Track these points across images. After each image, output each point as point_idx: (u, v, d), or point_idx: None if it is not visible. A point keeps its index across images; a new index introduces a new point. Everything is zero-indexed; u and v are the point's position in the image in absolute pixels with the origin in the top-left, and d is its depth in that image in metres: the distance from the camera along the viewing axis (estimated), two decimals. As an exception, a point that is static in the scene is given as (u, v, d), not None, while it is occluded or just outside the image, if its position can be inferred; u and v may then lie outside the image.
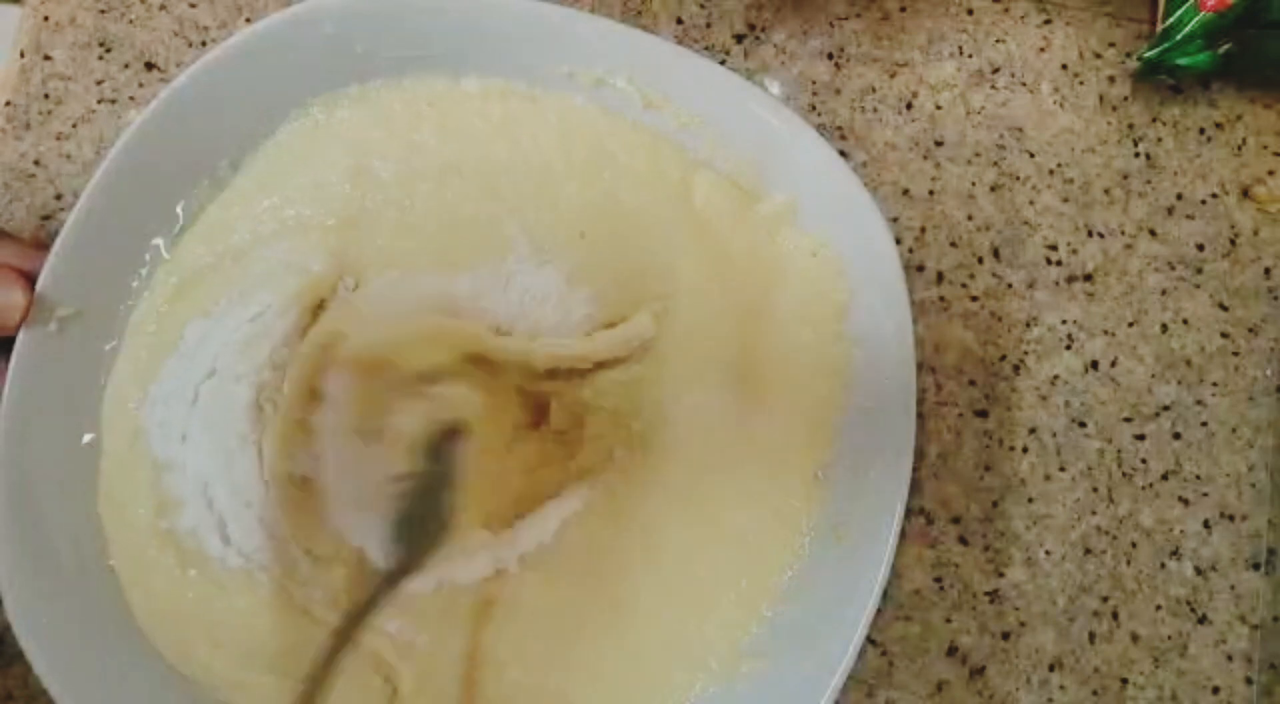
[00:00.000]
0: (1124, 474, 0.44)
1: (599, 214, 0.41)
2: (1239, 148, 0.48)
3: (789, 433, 0.40)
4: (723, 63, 0.46)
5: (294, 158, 0.39)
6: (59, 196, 0.42)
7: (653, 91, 0.41)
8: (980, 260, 0.45)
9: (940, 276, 0.45)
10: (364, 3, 0.38)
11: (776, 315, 0.41)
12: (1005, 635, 0.43)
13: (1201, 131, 0.48)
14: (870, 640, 0.42)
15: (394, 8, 0.39)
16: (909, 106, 0.46)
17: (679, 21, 0.46)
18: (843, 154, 0.45)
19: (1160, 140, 0.48)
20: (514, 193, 0.40)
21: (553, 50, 0.40)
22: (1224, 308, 0.46)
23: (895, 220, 0.45)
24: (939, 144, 0.46)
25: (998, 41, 0.48)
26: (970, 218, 0.46)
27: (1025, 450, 0.44)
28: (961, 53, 0.47)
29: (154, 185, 0.37)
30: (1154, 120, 0.48)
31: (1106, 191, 0.47)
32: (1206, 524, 0.44)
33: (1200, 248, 0.47)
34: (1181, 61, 0.45)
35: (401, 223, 0.40)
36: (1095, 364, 0.45)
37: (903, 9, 0.47)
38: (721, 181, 0.41)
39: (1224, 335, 0.46)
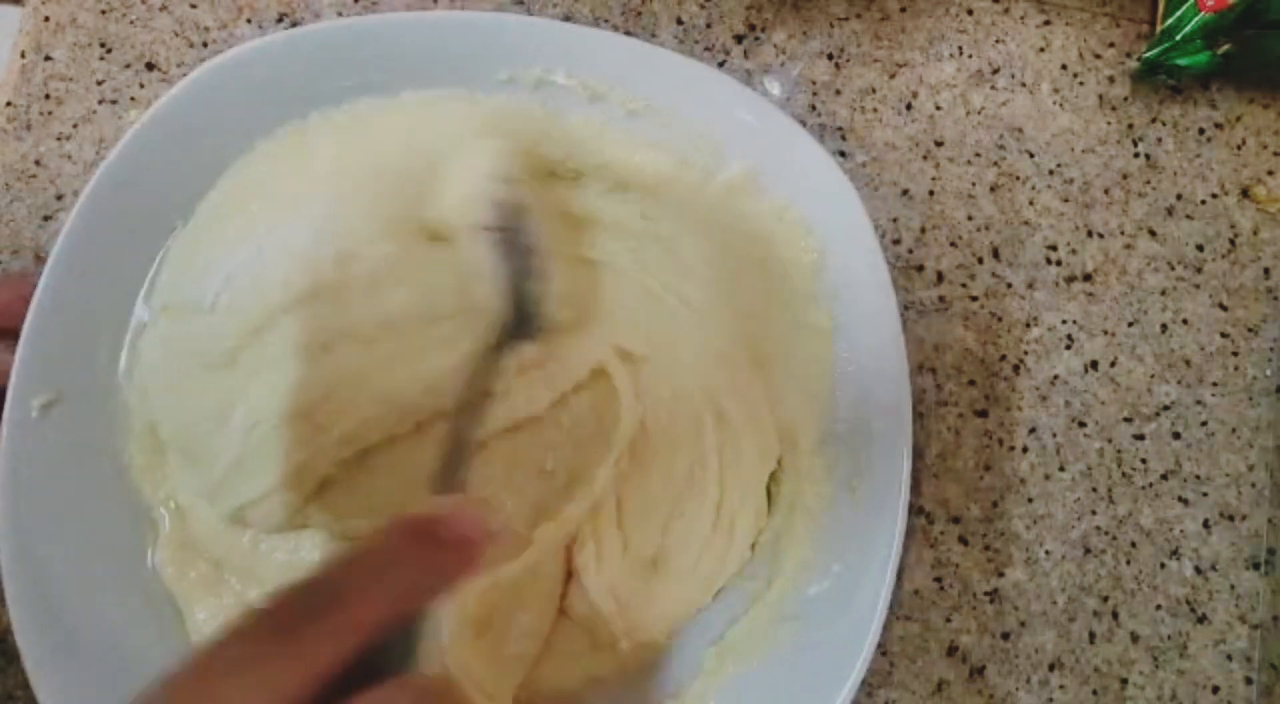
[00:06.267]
0: (1124, 474, 0.44)
1: None
2: (1239, 148, 0.48)
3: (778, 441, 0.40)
4: (722, 63, 0.46)
5: (240, 199, 0.39)
6: (59, 197, 0.42)
7: (595, 82, 0.40)
8: (980, 260, 0.45)
9: (940, 276, 0.45)
10: (297, 41, 0.38)
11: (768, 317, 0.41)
12: (1005, 635, 0.43)
13: (1201, 131, 0.48)
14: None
15: (326, 42, 0.39)
16: (909, 106, 0.46)
17: (679, 22, 0.46)
18: (842, 154, 0.45)
19: (1160, 140, 0.48)
20: None
21: (487, 56, 0.40)
22: (1224, 308, 0.46)
23: (895, 220, 0.45)
24: (939, 144, 0.46)
25: (998, 41, 0.48)
26: (970, 218, 0.46)
27: (1025, 450, 0.44)
28: (961, 53, 0.47)
29: (116, 249, 0.37)
30: (1154, 120, 0.48)
31: (1106, 191, 0.47)
32: (1206, 524, 0.44)
33: (1200, 248, 0.47)
34: (1181, 62, 0.45)
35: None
36: (1095, 364, 0.45)
37: (903, 9, 0.47)
38: (675, 163, 0.41)
39: (1224, 335, 0.46)
